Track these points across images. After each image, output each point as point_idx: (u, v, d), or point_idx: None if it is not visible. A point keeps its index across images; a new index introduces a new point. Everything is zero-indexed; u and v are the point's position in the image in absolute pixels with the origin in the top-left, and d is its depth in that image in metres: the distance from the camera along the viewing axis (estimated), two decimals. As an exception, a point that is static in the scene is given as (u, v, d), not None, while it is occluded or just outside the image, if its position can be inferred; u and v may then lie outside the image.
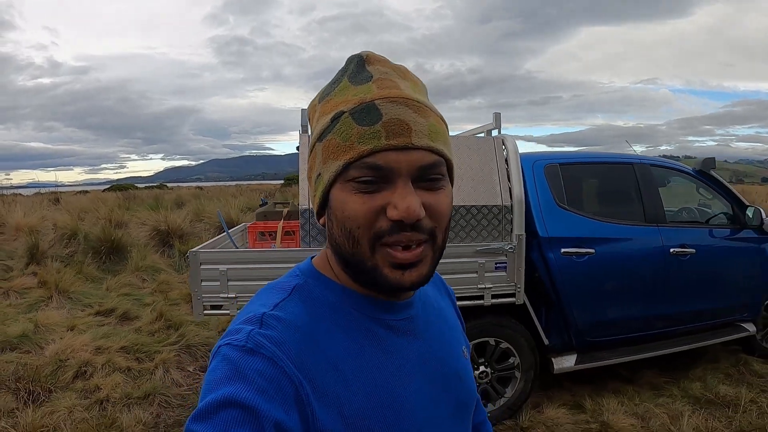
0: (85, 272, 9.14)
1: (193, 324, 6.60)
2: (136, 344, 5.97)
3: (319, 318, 0.91)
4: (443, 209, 0.89)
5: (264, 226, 4.72)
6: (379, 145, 0.83)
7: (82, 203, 18.34)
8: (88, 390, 4.95)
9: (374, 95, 0.87)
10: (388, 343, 0.94)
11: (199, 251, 3.81)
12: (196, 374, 5.53)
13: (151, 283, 9.04)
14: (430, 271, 0.90)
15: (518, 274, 4.07)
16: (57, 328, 6.47)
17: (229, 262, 3.73)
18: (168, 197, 22.50)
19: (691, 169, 5.53)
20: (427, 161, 0.85)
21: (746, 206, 5.45)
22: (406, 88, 0.90)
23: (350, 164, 0.85)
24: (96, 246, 10.24)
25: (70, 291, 8.09)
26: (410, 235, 0.85)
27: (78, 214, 13.95)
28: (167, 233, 11.55)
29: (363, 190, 0.85)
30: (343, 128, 0.86)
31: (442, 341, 1.06)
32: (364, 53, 0.94)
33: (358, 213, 0.85)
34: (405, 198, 0.83)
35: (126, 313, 7.31)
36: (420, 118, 0.87)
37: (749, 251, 5.50)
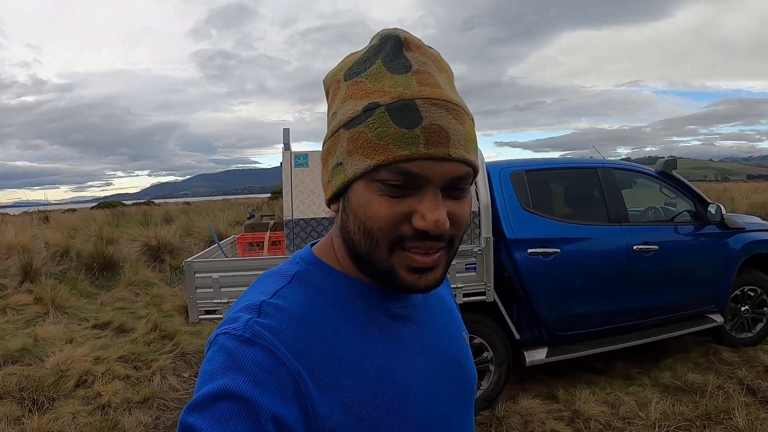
0: (79, 288, 9.48)
1: (187, 333, 6.98)
2: (133, 354, 6.34)
3: (320, 306, 0.90)
4: (465, 218, 0.90)
5: (252, 237, 5.11)
6: (417, 152, 0.82)
7: (72, 221, 18.64)
8: (89, 397, 5.31)
9: (414, 93, 0.84)
10: (392, 330, 0.95)
11: (194, 261, 4.22)
12: (192, 380, 5.91)
13: (144, 297, 9.41)
14: (443, 274, 0.91)
15: (487, 274, 4.48)
16: (56, 341, 6.81)
17: (221, 271, 4.13)
18: (156, 213, 22.87)
19: (654, 170, 5.96)
20: (460, 173, 0.85)
21: (708, 203, 5.87)
22: (445, 85, 0.88)
23: (382, 166, 0.83)
24: (89, 262, 10.59)
25: (66, 306, 8.44)
26: (432, 244, 0.86)
27: (68, 232, 14.27)
28: (158, 248, 11.91)
29: (390, 193, 0.84)
30: (378, 124, 0.84)
31: (444, 328, 1.06)
32: (402, 34, 0.89)
33: (382, 216, 0.84)
34: (434, 210, 0.83)
35: (122, 326, 7.66)
36: (458, 125, 0.85)
37: (713, 246, 5.89)
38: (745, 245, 6.05)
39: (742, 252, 6.02)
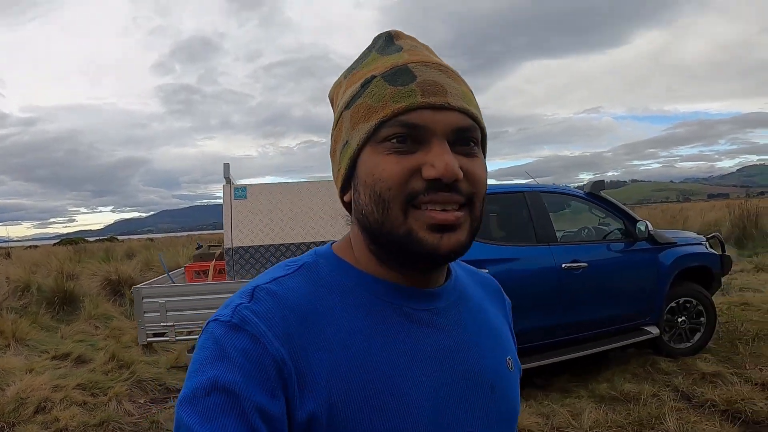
0: (40, 322, 9.79)
1: (143, 363, 7.36)
2: (90, 382, 6.67)
3: (320, 296, 0.89)
4: (481, 176, 0.90)
5: (199, 266, 5.54)
6: (414, 102, 0.85)
7: (34, 257, 18.97)
8: (48, 422, 5.65)
9: (406, 60, 0.90)
10: (400, 330, 0.91)
11: (142, 287, 4.67)
12: (147, 405, 6.27)
13: (104, 330, 9.77)
14: (467, 239, 0.89)
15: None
16: (16, 371, 7.11)
17: (167, 296, 4.58)
18: (119, 249, 23.37)
19: (583, 192, 6.49)
20: (463, 123, 0.87)
21: (636, 221, 6.39)
22: (438, 59, 0.94)
23: (383, 123, 0.86)
24: (49, 297, 10.93)
25: (26, 339, 8.75)
26: (448, 196, 0.85)
27: (30, 268, 14.56)
28: (118, 282, 12.33)
29: (397, 149, 0.85)
30: (375, 90, 0.88)
31: (473, 343, 0.99)
32: (393, 30, 0.98)
33: (391, 173, 0.85)
34: (442, 156, 0.84)
35: (81, 357, 7.98)
36: (453, 83, 0.89)
37: (643, 261, 6.40)
38: (676, 259, 6.57)
39: (673, 266, 6.53)
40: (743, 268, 13.17)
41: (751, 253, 15.02)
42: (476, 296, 1.08)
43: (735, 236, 17.03)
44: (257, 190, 5.02)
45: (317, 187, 5.18)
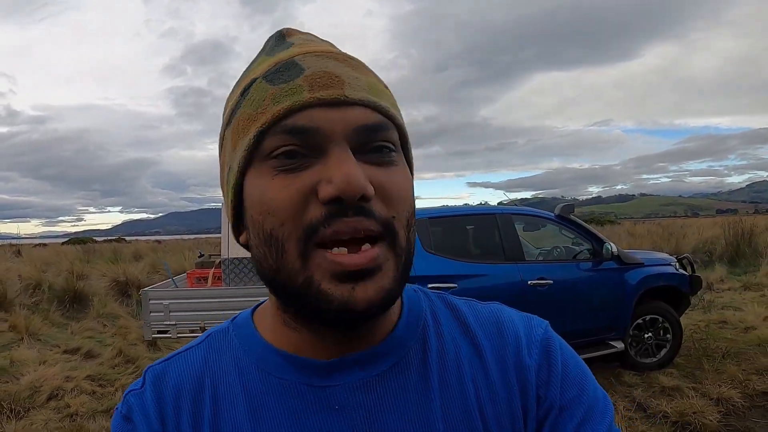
0: (51, 318, 10.58)
1: (148, 359, 8.11)
2: (99, 374, 7.45)
3: (217, 377, 0.78)
4: (399, 190, 0.69)
5: (199, 273, 6.29)
6: (300, 99, 0.66)
7: (44, 256, 19.84)
8: (60, 407, 6.37)
9: (294, 53, 0.72)
10: (293, 413, 0.74)
11: (149, 290, 5.44)
12: (150, 396, 7.06)
13: (111, 328, 10.52)
14: (393, 284, 0.68)
15: (393, 304, 5.62)
16: (29, 363, 7.86)
17: (171, 298, 5.35)
18: (126, 251, 24.18)
19: (554, 215, 7.16)
20: (369, 120, 0.68)
21: (603, 243, 7.03)
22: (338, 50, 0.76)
23: (264, 133, 0.67)
24: (60, 295, 11.76)
25: (38, 334, 9.56)
26: (354, 222, 0.64)
27: (40, 266, 15.41)
28: (126, 284, 13.15)
29: (285, 167, 0.66)
30: (255, 95, 0.70)
31: (409, 426, 0.74)
32: (285, 28, 0.78)
33: (279, 201, 0.66)
34: (341, 166, 0.64)
35: (89, 352, 8.77)
36: (354, 72, 0.71)
37: (609, 280, 6.98)
38: (642, 279, 7.15)
39: (639, 285, 7.11)
40: (731, 287, 13.51)
41: (742, 272, 15.34)
42: (452, 353, 0.80)
43: (728, 255, 17.40)
44: None
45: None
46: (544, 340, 0.82)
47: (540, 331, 0.83)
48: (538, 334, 0.82)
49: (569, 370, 0.79)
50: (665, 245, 18.77)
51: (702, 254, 18.18)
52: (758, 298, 11.75)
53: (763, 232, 21.22)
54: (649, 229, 28.10)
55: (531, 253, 7.09)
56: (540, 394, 0.77)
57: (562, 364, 0.79)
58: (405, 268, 0.71)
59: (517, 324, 0.84)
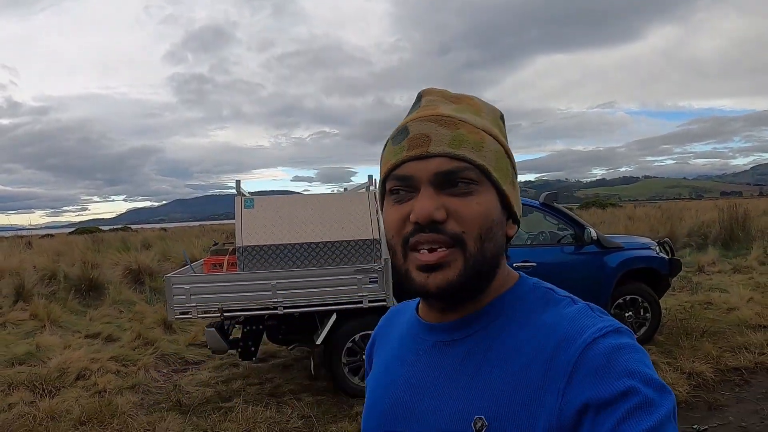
0: (69, 306, 11.27)
1: (166, 340, 8.90)
2: (121, 355, 8.21)
3: (397, 320, 1.25)
4: (469, 214, 0.97)
5: (215, 260, 6.95)
6: (400, 157, 1.00)
7: (53, 246, 20.48)
8: (88, 386, 7.08)
9: (411, 118, 1.05)
10: (406, 356, 1.12)
11: (172, 276, 6.15)
12: (170, 374, 7.82)
13: (127, 314, 11.26)
14: (458, 277, 0.97)
15: (387, 285, 6.29)
16: (55, 348, 8.60)
17: (191, 283, 6.05)
18: (134, 239, 24.87)
19: (538, 202, 7.82)
20: (444, 167, 0.97)
21: (585, 228, 7.66)
22: (447, 109, 1.05)
23: (386, 179, 1.04)
24: (77, 284, 12.46)
25: (59, 321, 10.29)
26: (428, 236, 0.96)
27: (52, 257, 16.16)
28: (138, 272, 13.85)
29: (396, 200, 1.01)
30: (385, 152, 1.06)
31: (449, 388, 1.01)
32: (424, 89, 1.13)
33: (391, 221, 1.01)
34: (422, 201, 0.95)
35: (110, 336, 9.54)
36: (444, 129, 1.00)
37: (590, 262, 7.64)
38: (621, 261, 7.80)
39: (619, 267, 7.76)
40: (721, 269, 14.09)
41: (733, 255, 15.84)
42: (501, 346, 0.99)
43: (722, 238, 17.97)
44: (262, 201, 6.40)
45: (310, 200, 6.61)
46: (592, 341, 0.89)
47: (593, 332, 0.91)
48: (588, 334, 0.90)
49: (612, 370, 0.85)
50: (662, 228, 19.34)
51: (697, 237, 18.76)
52: (746, 280, 12.27)
53: (759, 216, 21.70)
54: (648, 212, 28.55)
55: (517, 238, 7.70)
56: (566, 389, 0.88)
57: (602, 364, 0.86)
58: (474, 267, 0.97)
59: (577, 325, 0.94)
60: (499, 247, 1.02)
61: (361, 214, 6.48)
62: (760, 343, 7.46)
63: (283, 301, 6.17)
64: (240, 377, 7.46)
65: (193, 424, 5.85)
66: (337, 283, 6.26)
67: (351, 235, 6.37)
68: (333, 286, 6.26)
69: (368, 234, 6.40)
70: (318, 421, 5.89)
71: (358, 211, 6.50)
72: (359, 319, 6.48)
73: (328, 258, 6.36)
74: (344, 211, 6.47)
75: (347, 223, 6.40)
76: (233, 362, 8.05)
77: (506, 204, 1.03)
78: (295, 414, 6.06)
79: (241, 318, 6.67)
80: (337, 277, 6.26)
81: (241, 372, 7.71)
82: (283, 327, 6.86)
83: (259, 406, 6.22)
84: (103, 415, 5.99)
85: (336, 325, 6.37)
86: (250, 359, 6.91)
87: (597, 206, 40.30)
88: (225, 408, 6.31)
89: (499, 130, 1.08)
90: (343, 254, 6.36)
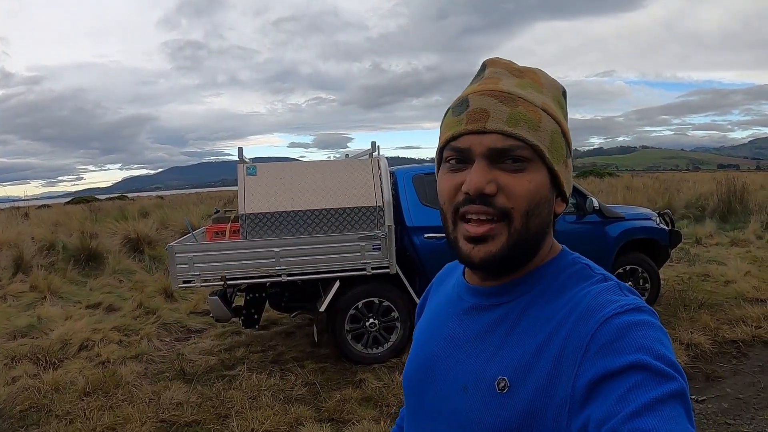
0: (69, 277, 11.26)
1: (167, 309, 8.93)
2: (123, 325, 8.24)
3: (451, 277, 1.33)
4: (519, 190, 1.01)
5: (217, 228, 6.94)
6: (458, 130, 1.03)
7: (51, 217, 20.39)
8: (91, 356, 7.13)
9: (472, 90, 1.08)
10: (450, 312, 1.21)
11: (175, 245, 6.16)
12: (172, 343, 7.87)
13: (127, 283, 11.30)
14: (501, 250, 1.03)
15: (390, 253, 6.33)
16: (56, 319, 8.61)
17: (194, 251, 6.06)
18: (132, 208, 24.69)
19: None
20: (499, 144, 1.00)
21: (586, 197, 7.64)
22: (509, 84, 1.07)
23: (443, 149, 1.08)
24: (75, 255, 12.41)
25: (59, 292, 10.29)
26: (478, 208, 1.01)
27: (50, 228, 16.10)
28: (137, 241, 13.80)
29: (450, 169, 1.06)
30: (445, 120, 1.10)
31: (479, 348, 1.09)
32: (489, 59, 1.16)
33: (444, 189, 1.07)
34: (474, 174, 1.00)
35: (111, 306, 9.56)
36: (503, 106, 1.03)
37: (592, 232, 7.63)
38: (622, 232, 7.82)
39: (620, 237, 7.78)
40: (719, 242, 14.12)
41: (731, 228, 15.84)
42: (532, 315, 1.04)
43: (720, 211, 17.94)
44: (264, 168, 6.37)
45: (313, 167, 6.54)
46: (611, 316, 0.93)
47: (614, 308, 0.94)
48: (609, 310, 0.94)
49: (625, 344, 0.88)
50: (660, 199, 19.37)
51: (695, 209, 18.76)
52: (743, 253, 12.29)
53: (757, 190, 21.70)
54: (645, 182, 28.50)
55: None
56: (582, 359, 0.91)
57: (617, 337, 0.89)
58: (517, 242, 1.03)
59: (600, 300, 0.97)
60: (545, 224, 1.07)
61: (364, 181, 6.48)
62: (757, 316, 7.48)
63: (287, 269, 6.19)
64: (243, 345, 7.50)
65: (198, 392, 5.89)
66: (341, 250, 6.29)
67: (354, 202, 6.36)
68: (336, 254, 6.28)
69: (372, 201, 6.39)
70: (322, 388, 5.95)
71: (361, 177, 6.49)
72: (362, 286, 6.53)
73: (332, 225, 6.36)
74: (348, 177, 6.47)
75: (351, 190, 6.40)
76: (235, 330, 8.10)
77: (557, 182, 1.07)
78: (299, 381, 6.11)
79: (243, 286, 6.69)
80: (340, 244, 6.28)
81: (244, 340, 7.76)
82: (286, 294, 6.91)
83: (263, 374, 6.28)
84: (108, 385, 6.04)
85: (339, 293, 6.40)
86: (253, 327, 6.95)
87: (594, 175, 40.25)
88: (229, 376, 6.36)
89: (560, 106, 1.11)
90: (346, 221, 6.36)
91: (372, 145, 7.18)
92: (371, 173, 6.56)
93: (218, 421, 5.30)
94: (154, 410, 5.48)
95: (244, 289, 6.80)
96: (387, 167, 6.73)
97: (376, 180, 6.52)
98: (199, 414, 5.43)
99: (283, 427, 5.10)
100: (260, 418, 5.19)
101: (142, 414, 5.34)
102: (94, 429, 5.13)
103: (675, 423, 0.79)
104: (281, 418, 5.23)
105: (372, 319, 6.62)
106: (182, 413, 5.43)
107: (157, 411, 5.46)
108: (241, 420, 5.19)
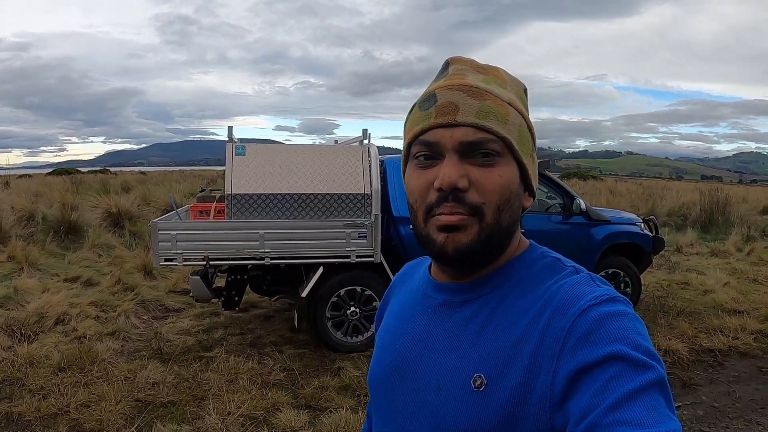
0: (47, 249, 11.13)
1: (146, 286, 8.83)
2: (101, 300, 8.14)
3: (412, 276, 1.31)
4: (490, 185, 1.01)
5: (202, 207, 6.88)
6: (428, 124, 1.02)
7: (32, 187, 20.23)
8: (67, 331, 7.01)
9: (438, 86, 1.07)
10: (415, 309, 1.19)
11: (158, 222, 6.07)
12: (150, 321, 7.78)
13: (107, 258, 11.18)
14: (473, 242, 1.01)
15: (375, 242, 6.29)
16: (33, 291, 8.47)
17: (177, 229, 5.98)
18: (114, 182, 24.54)
19: None
20: (470, 137, 1.00)
21: (574, 198, 7.65)
22: (475, 79, 1.07)
23: (411, 144, 1.06)
24: (55, 226, 12.29)
25: (37, 263, 10.15)
26: (451, 206, 1.00)
27: (30, 198, 15.97)
28: (118, 215, 13.69)
29: (420, 165, 1.04)
30: (412, 117, 1.08)
31: (452, 345, 1.07)
32: (451, 57, 1.15)
33: (415, 186, 1.04)
34: (446, 169, 0.99)
35: (89, 280, 9.42)
36: (472, 100, 1.02)
37: (577, 233, 7.65)
38: (607, 235, 7.84)
39: (604, 240, 7.80)
40: (699, 251, 14.21)
41: (712, 239, 15.96)
42: (505, 311, 1.03)
43: (701, 221, 18.08)
44: (254, 148, 6.29)
45: (303, 150, 6.47)
46: (586, 308, 0.92)
47: (588, 299, 0.94)
48: (584, 302, 0.93)
49: (602, 335, 0.88)
50: (643, 205, 19.51)
51: (677, 217, 18.92)
52: (723, 264, 12.38)
53: (740, 202, 21.92)
54: (629, 188, 28.75)
55: None
56: (560, 353, 0.91)
57: (593, 329, 0.89)
58: (489, 236, 1.02)
59: (574, 293, 0.97)
60: (515, 218, 1.06)
61: (353, 168, 6.42)
62: (735, 327, 7.54)
63: (271, 252, 6.13)
64: (221, 326, 7.46)
65: (175, 372, 5.82)
66: (326, 236, 6.25)
67: (342, 188, 6.31)
68: (321, 239, 6.25)
69: (359, 188, 6.34)
70: (300, 374, 5.91)
71: (350, 164, 6.43)
72: (346, 273, 6.50)
73: (318, 210, 6.30)
74: (337, 163, 6.41)
75: (339, 176, 6.34)
76: (214, 311, 8.04)
77: (525, 176, 1.07)
78: (277, 366, 6.07)
79: (224, 267, 6.63)
80: (326, 230, 6.24)
81: (222, 321, 7.71)
82: (268, 278, 6.86)
83: (241, 357, 6.23)
84: (83, 361, 5.94)
85: (322, 279, 6.36)
86: (233, 309, 6.92)
87: (578, 177, 40.52)
88: (206, 357, 6.30)
89: (523, 103, 1.11)
90: (333, 207, 6.30)
91: (363, 132, 7.12)
92: (361, 160, 6.51)
93: (194, 402, 5.24)
94: (129, 389, 5.41)
95: (225, 270, 6.73)
96: (377, 155, 6.69)
97: (366, 168, 6.47)
98: (175, 395, 5.36)
99: (259, 412, 5.06)
100: (237, 402, 5.15)
101: (117, 392, 5.27)
102: (68, 405, 5.06)
103: (655, 412, 0.80)
104: (258, 402, 5.19)
105: (353, 308, 6.59)
106: (158, 393, 5.36)
107: (133, 390, 5.40)
108: (218, 402, 5.14)
